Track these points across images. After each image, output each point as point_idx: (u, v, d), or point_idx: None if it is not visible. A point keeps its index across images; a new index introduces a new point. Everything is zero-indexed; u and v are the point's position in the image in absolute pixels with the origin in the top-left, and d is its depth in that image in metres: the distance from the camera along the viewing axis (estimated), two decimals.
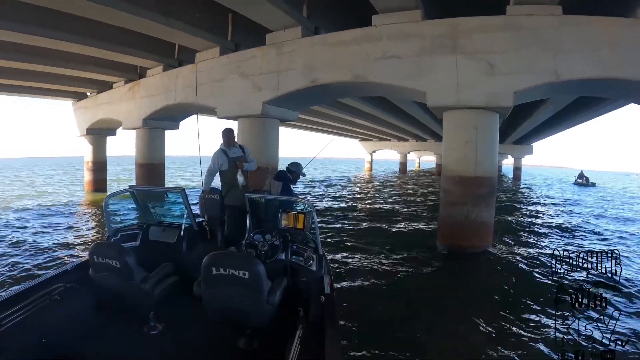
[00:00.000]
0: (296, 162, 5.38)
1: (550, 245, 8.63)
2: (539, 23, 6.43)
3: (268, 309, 2.68)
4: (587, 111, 16.53)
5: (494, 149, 7.29)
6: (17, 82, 13.05)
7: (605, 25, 6.14)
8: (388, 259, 7.13)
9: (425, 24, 7.09)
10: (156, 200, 4.32)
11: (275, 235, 3.44)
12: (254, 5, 7.37)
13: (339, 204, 14.99)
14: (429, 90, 7.07)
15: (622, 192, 29.04)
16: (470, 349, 3.90)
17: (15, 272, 5.83)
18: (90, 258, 2.92)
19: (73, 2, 6.81)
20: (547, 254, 7.80)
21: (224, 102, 9.48)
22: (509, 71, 6.59)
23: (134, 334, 2.92)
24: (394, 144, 42.39)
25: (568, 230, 10.57)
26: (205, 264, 2.59)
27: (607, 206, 17.78)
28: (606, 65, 6.12)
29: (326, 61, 7.91)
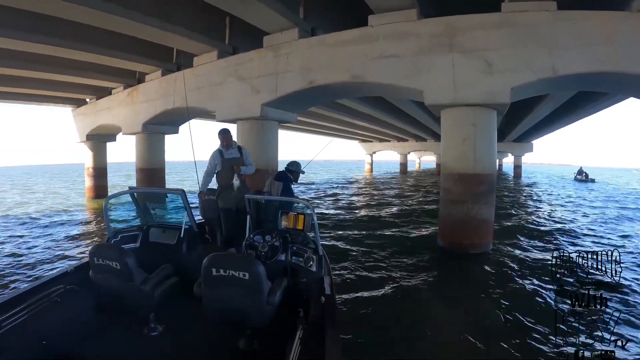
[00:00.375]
0: (294, 161, 5.37)
1: (551, 244, 8.61)
2: (534, 19, 6.44)
3: (268, 310, 2.68)
4: (586, 107, 16.55)
5: (492, 146, 7.28)
6: (15, 90, 13.10)
7: (600, 20, 6.14)
8: (388, 257, 7.13)
9: (421, 23, 7.11)
10: (156, 201, 4.34)
11: (275, 236, 3.45)
12: (251, 7, 7.36)
13: (339, 204, 15.01)
14: (427, 88, 7.09)
15: (624, 188, 29.04)
16: (470, 348, 3.89)
17: (13, 277, 5.86)
18: (91, 260, 2.92)
19: (70, 8, 6.80)
20: (548, 253, 7.81)
21: (222, 105, 9.51)
22: (506, 68, 6.60)
23: (134, 336, 2.93)
24: (393, 144, 42.49)
25: (569, 229, 10.57)
26: (205, 265, 2.59)
27: (609, 203, 17.77)
28: (602, 59, 6.12)
29: (323, 62, 7.94)
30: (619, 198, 20.47)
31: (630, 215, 13.62)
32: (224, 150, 4.86)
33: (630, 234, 10.04)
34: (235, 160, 4.84)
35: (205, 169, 4.89)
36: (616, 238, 9.52)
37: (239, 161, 4.86)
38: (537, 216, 12.83)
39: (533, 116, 18.87)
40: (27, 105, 16.13)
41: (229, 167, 4.77)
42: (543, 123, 23.48)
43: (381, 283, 5.74)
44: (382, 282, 5.77)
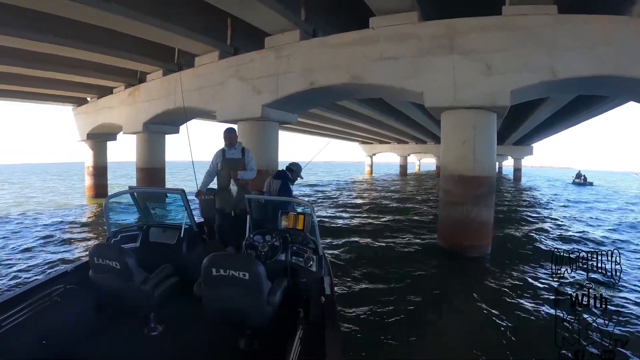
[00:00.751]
0: (296, 162, 5.36)
1: (549, 246, 8.64)
2: (534, 22, 6.50)
3: (268, 310, 2.68)
4: (586, 110, 16.59)
5: (492, 148, 7.32)
6: (17, 88, 13.13)
7: (600, 24, 6.20)
8: (388, 258, 7.17)
9: (422, 25, 7.16)
10: (156, 201, 4.32)
11: (275, 236, 3.45)
12: (252, 8, 7.42)
13: (338, 205, 15.06)
14: (427, 90, 7.13)
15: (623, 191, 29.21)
16: (470, 348, 3.90)
17: (13, 276, 5.87)
18: (91, 259, 2.91)
19: (73, 7, 6.85)
20: (547, 254, 7.84)
21: (223, 105, 9.56)
22: (506, 70, 6.65)
23: (134, 335, 2.92)
24: (394, 146, 42.59)
25: (567, 230, 10.61)
26: (205, 265, 2.59)
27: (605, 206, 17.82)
28: (602, 62, 6.18)
29: (324, 64, 7.99)
30: (621, 202, 20.57)
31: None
32: (227, 149, 4.72)
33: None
34: (236, 161, 4.66)
35: (208, 168, 4.73)
36: (614, 238, 9.58)
37: (240, 162, 4.67)
38: (536, 217, 12.88)
39: (533, 119, 18.93)
40: (26, 103, 16.16)
41: (228, 167, 4.63)
42: (543, 126, 23.56)
43: (381, 283, 5.77)
44: (382, 282, 5.80)
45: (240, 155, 4.75)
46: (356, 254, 7.40)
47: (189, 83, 10.20)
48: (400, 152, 43.66)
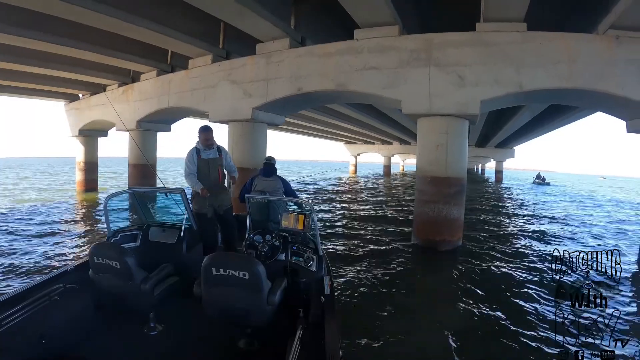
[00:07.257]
0: (270, 156, 4.85)
1: (514, 239, 9.53)
2: (505, 39, 7.10)
3: (268, 310, 2.69)
4: (560, 117, 17.54)
5: (463, 152, 7.95)
6: (8, 83, 13.21)
7: (565, 41, 6.81)
8: (366, 253, 7.66)
9: (402, 39, 7.74)
10: (156, 200, 4.43)
11: (275, 235, 3.49)
12: (243, 17, 7.89)
13: (321, 203, 15.50)
14: (405, 99, 7.74)
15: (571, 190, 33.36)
16: (467, 347, 3.91)
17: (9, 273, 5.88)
18: (90, 259, 2.92)
19: (57, 5, 6.93)
20: (509, 245, 8.74)
21: (215, 107, 10.00)
22: (477, 82, 7.26)
23: (134, 335, 2.91)
24: (378, 147, 43.24)
25: (529, 224, 11.41)
26: (205, 264, 2.60)
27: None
28: (564, 77, 6.79)
29: (311, 71, 8.50)
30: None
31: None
32: (203, 149, 4.33)
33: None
34: (214, 161, 4.37)
35: (187, 171, 4.31)
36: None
37: (219, 162, 4.40)
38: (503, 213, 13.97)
39: (512, 124, 19.83)
40: (16, 97, 16.13)
41: (207, 168, 4.32)
42: (522, 130, 24.54)
43: (361, 277, 6.08)
44: (362, 276, 6.10)
45: (217, 154, 4.42)
46: (336, 248, 7.89)
47: (183, 84, 10.64)
48: (384, 152, 44.39)
